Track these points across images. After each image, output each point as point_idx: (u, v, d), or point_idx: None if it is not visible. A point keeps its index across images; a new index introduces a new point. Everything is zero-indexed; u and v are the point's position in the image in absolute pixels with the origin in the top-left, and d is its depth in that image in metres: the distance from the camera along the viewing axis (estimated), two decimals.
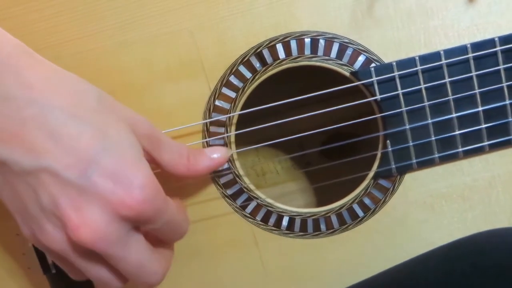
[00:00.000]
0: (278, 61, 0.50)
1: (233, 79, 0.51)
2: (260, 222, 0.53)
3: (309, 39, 0.50)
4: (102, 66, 0.51)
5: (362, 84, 0.50)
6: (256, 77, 0.51)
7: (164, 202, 0.41)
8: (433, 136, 0.50)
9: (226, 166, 0.52)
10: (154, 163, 0.44)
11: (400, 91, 0.49)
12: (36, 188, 0.38)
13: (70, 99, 0.39)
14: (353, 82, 0.50)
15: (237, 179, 0.53)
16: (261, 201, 0.53)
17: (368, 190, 0.52)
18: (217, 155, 0.49)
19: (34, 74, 0.39)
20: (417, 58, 0.49)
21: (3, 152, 0.38)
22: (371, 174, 0.52)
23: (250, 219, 0.53)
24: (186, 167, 0.46)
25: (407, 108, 0.50)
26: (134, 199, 0.38)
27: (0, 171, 0.39)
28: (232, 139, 0.52)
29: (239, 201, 0.53)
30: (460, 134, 0.50)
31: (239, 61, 0.50)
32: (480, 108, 0.50)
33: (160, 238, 0.44)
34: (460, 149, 0.50)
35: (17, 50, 0.40)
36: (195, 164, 0.47)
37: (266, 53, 0.50)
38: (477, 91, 0.49)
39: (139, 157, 0.40)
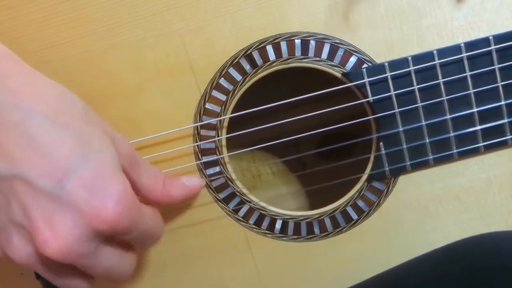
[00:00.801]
0: (269, 63, 0.50)
1: (223, 82, 0.50)
2: (253, 226, 0.53)
3: (299, 40, 0.49)
4: (91, 70, 0.50)
5: (354, 85, 0.49)
6: (247, 80, 0.50)
7: (139, 214, 0.40)
8: (427, 137, 0.49)
9: (218, 169, 0.52)
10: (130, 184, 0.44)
11: (392, 92, 0.49)
12: (8, 196, 0.38)
13: (54, 106, 0.39)
14: (345, 83, 0.49)
15: (229, 183, 0.52)
16: (253, 204, 0.52)
17: (362, 193, 0.52)
18: (191, 183, 0.49)
19: (18, 80, 0.39)
20: (409, 58, 0.48)
21: None
22: (364, 176, 0.51)
23: (243, 223, 0.53)
24: (161, 192, 0.46)
25: (400, 109, 0.49)
26: (109, 212, 0.37)
27: None
28: (223, 142, 0.51)
29: (232, 204, 0.52)
30: (455, 135, 0.49)
31: (229, 63, 0.50)
32: (474, 109, 0.49)
33: (133, 244, 0.44)
34: (455, 151, 0.50)
35: (2, 54, 0.40)
36: (169, 190, 0.46)
37: (256, 55, 0.49)
38: (471, 91, 0.48)
39: (117, 170, 0.39)
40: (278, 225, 0.53)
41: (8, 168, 0.37)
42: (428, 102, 0.49)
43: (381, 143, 0.50)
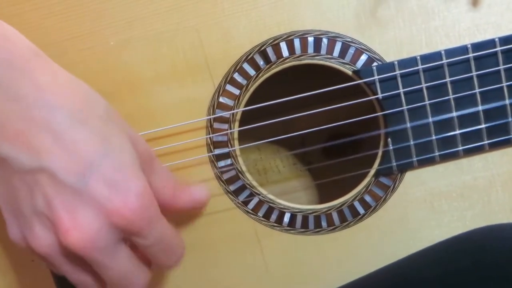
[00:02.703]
0: (282, 59, 0.51)
1: (237, 77, 0.52)
2: (262, 218, 0.54)
3: (312, 38, 0.51)
4: (107, 62, 0.51)
5: (364, 82, 0.51)
6: (260, 75, 0.52)
7: (157, 216, 0.41)
8: (433, 134, 0.51)
9: (229, 162, 0.53)
10: None
11: (401, 90, 0.50)
12: (32, 187, 0.39)
13: (78, 105, 0.40)
14: (355, 80, 0.51)
15: (240, 175, 0.53)
16: (263, 197, 0.54)
17: (369, 188, 0.53)
18: (199, 196, 0.50)
19: (45, 77, 0.40)
20: (418, 57, 0.50)
21: (6, 148, 0.38)
22: (372, 171, 0.53)
23: (252, 215, 0.54)
24: (170, 197, 0.46)
25: (408, 106, 0.51)
26: (128, 208, 0.39)
27: None
28: (236, 135, 0.53)
29: (241, 197, 0.53)
30: (461, 133, 0.51)
31: (244, 58, 0.51)
32: (480, 108, 0.50)
33: (152, 260, 0.44)
34: (460, 148, 0.51)
35: (30, 52, 0.41)
36: (177, 197, 0.47)
37: (270, 51, 0.51)
38: (477, 90, 0.50)
39: (137, 168, 0.41)
40: (286, 218, 0.54)
41: (33, 161, 0.38)
42: (435, 100, 0.50)
43: (389, 139, 0.51)
